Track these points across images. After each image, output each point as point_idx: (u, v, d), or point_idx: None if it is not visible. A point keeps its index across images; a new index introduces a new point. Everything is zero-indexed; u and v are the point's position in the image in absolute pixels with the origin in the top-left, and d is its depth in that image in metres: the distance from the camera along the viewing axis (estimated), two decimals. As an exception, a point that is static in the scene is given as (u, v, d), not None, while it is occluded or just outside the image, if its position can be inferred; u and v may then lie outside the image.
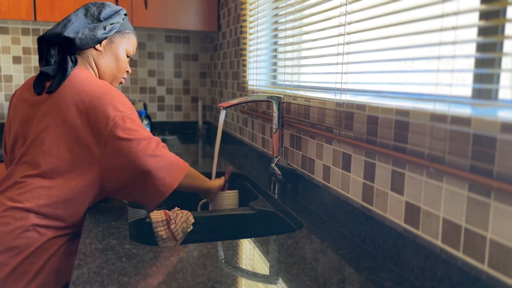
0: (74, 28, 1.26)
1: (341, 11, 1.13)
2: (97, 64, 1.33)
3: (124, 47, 1.37)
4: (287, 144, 1.52)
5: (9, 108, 1.30)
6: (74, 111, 1.15)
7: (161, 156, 1.18)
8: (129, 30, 1.39)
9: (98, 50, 1.32)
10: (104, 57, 1.33)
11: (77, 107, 1.15)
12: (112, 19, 1.33)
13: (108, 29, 1.31)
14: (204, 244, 0.99)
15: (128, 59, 1.41)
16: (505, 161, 0.67)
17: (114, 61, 1.36)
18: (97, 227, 1.08)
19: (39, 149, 1.14)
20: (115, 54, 1.35)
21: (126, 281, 0.81)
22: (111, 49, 1.34)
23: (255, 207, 1.35)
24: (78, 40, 1.25)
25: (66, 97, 1.17)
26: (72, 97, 1.16)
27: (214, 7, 2.57)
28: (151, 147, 1.17)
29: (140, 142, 1.15)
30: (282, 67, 1.59)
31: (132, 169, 1.14)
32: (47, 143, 1.14)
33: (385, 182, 0.96)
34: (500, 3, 0.69)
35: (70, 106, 1.15)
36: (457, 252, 0.77)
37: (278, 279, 0.84)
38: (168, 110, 2.95)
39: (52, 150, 1.13)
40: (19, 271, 1.06)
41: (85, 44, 1.28)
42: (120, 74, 1.40)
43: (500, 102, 0.74)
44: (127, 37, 1.38)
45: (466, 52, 0.82)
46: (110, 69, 1.36)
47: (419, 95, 0.92)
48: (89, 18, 1.30)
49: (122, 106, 1.18)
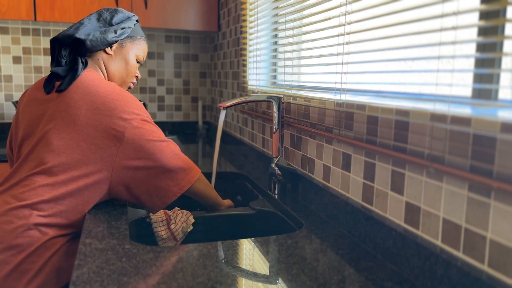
0: (85, 30, 1.29)
1: (341, 11, 1.13)
2: (107, 67, 1.35)
3: (134, 52, 1.39)
4: (287, 144, 1.52)
5: (18, 107, 1.31)
6: (85, 110, 1.16)
7: (179, 155, 1.23)
8: (140, 36, 1.41)
9: (109, 53, 1.34)
10: (114, 60, 1.36)
11: (89, 107, 1.16)
12: (123, 24, 1.35)
13: (119, 33, 1.34)
14: (204, 244, 0.99)
15: (138, 64, 1.43)
16: (505, 161, 0.67)
17: (123, 65, 1.38)
18: (97, 227, 1.08)
19: (46, 147, 1.14)
20: (125, 58, 1.37)
21: (126, 281, 0.81)
22: (121, 53, 1.36)
23: (255, 207, 1.35)
24: (89, 42, 1.28)
25: (76, 96, 1.18)
26: (82, 97, 1.17)
27: (214, 7, 2.57)
28: (171, 147, 1.22)
29: (162, 143, 1.20)
30: (282, 67, 1.59)
31: (153, 168, 1.18)
32: (55, 142, 1.14)
33: (385, 182, 0.96)
34: (500, 3, 0.69)
35: (81, 106, 1.16)
36: (457, 252, 0.77)
37: (278, 279, 0.84)
38: (168, 110, 2.95)
39: (60, 149, 1.14)
40: (20, 269, 1.07)
41: (95, 46, 1.30)
42: (129, 78, 1.42)
43: (500, 102, 0.74)
44: (137, 42, 1.40)
45: (466, 52, 0.82)
46: (120, 72, 1.38)
47: (419, 95, 0.92)
48: (101, 22, 1.33)
49: (137, 109, 1.21)
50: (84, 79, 1.22)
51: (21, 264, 1.07)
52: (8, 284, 1.05)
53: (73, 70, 1.24)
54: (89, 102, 1.17)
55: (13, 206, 1.10)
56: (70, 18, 2.34)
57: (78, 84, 1.21)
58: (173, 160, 1.20)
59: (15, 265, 1.06)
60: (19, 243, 1.07)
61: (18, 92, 2.67)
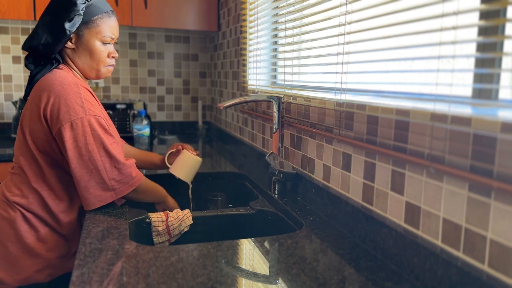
0: (38, 35, 1.24)
1: (341, 11, 1.13)
2: (74, 62, 1.30)
3: (95, 37, 1.27)
4: (287, 144, 1.52)
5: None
6: (29, 103, 1.26)
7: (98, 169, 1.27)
8: (97, 15, 1.26)
9: (70, 48, 1.28)
10: (78, 53, 1.28)
11: (31, 99, 1.24)
12: (70, 14, 1.22)
13: (68, 26, 1.22)
14: (204, 244, 0.99)
15: (108, 45, 1.31)
16: (505, 161, 0.67)
17: (88, 56, 1.28)
18: (97, 227, 1.08)
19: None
20: (87, 48, 1.27)
21: (126, 281, 0.81)
22: (82, 44, 1.27)
23: (255, 207, 1.35)
24: (41, 47, 1.24)
25: (32, 93, 1.25)
26: (33, 92, 1.25)
27: (214, 7, 2.57)
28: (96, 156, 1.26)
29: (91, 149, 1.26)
30: (282, 67, 1.59)
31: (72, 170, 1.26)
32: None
33: (385, 182, 0.96)
34: (500, 3, 0.69)
35: (29, 101, 1.26)
36: (457, 252, 0.77)
37: (278, 279, 0.84)
38: (168, 110, 2.95)
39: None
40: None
41: (51, 50, 1.24)
42: (101, 64, 1.31)
43: (500, 102, 0.74)
44: (96, 24, 1.26)
45: (466, 52, 0.82)
46: (87, 64, 1.30)
47: (419, 95, 0.92)
48: (50, 17, 1.25)
49: (76, 106, 1.25)
50: (44, 77, 1.24)
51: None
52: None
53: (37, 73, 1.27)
54: (33, 95, 1.23)
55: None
56: (70, 18, 2.33)
57: (39, 80, 1.24)
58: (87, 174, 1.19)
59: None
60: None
61: (17, 92, 2.66)
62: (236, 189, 1.76)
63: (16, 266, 1.20)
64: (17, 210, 1.21)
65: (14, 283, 1.20)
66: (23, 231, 1.20)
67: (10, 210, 1.21)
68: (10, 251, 1.20)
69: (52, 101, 1.18)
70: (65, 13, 1.22)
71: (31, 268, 1.20)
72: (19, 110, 2.40)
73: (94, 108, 1.22)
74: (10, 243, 1.20)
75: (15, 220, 1.20)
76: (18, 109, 2.40)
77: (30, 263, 1.20)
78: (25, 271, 1.20)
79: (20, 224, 1.20)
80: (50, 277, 1.23)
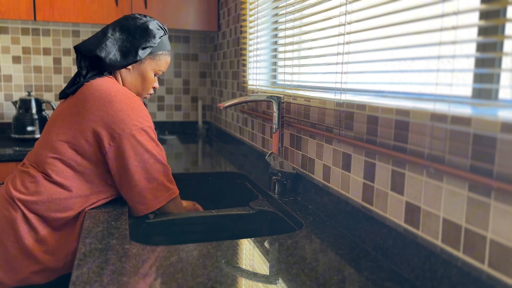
0: (107, 47, 1.30)
1: (341, 10, 1.13)
2: (123, 79, 1.38)
3: (152, 68, 1.39)
4: (287, 144, 1.52)
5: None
6: (90, 104, 1.26)
7: (156, 177, 1.30)
8: (162, 51, 1.39)
9: (127, 68, 1.36)
10: (132, 75, 1.38)
11: (95, 101, 1.25)
12: (146, 43, 1.33)
13: (140, 53, 1.33)
14: (204, 244, 0.99)
15: (156, 77, 1.43)
16: (505, 161, 0.67)
17: (140, 80, 1.39)
18: (97, 227, 1.08)
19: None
20: (142, 74, 1.38)
21: (126, 281, 0.81)
22: (139, 69, 1.38)
23: (255, 207, 1.35)
24: (107, 61, 1.30)
25: (86, 91, 1.27)
26: (91, 93, 1.26)
27: (214, 7, 2.57)
28: (156, 167, 1.28)
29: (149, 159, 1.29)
30: (282, 67, 1.59)
31: (124, 182, 1.28)
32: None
33: (385, 182, 0.96)
34: (500, 3, 0.69)
35: (88, 99, 1.26)
36: (457, 252, 0.77)
37: (278, 279, 0.84)
38: (168, 110, 2.95)
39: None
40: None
41: (114, 66, 1.32)
42: (145, 92, 1.43)
43: (500, 102, 0.74)
44: (158, 58, 1.39)
45: (466, 52, 0.82)
46: (135, 87, 1.40)
47: (419, 95, 0.92)
48: (125, 33, 1.32)
49: (141, 117, 1.29)
50: (98, 81, 1.27)
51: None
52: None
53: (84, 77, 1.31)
54: (97, 98, 1.22)
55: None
56: (70, 18, 2.33)
57: (90, 84, 1.27)
58: (145, 181, 1.22)
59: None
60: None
61: (17, 92, 2.66)
62: (236, 189, 1.76)
63: (14, 266, 1.20)
64: (19, 209, 1.21)
65: (12, 283, 1.20)
66: (22, 231, 1.20)
67: (11, 210, 1.21)
68: (8, 251, 1.20)
69: (116, 108, 1.21)
70: (142, 40, 1.33)
71: (28, 270, 1.20)
72: (19, 110, 2.40)
73: (148, 117, 1.30)
74: (9, 243, 1.20)
75: (16, 220, 1.20)
76: (18, 109, 2.40)
77: (27, 265, 1.20)
78: (22, 272, 1.20)
79: (20, 225, 1.20)
80: (48, 279, 1.23)
